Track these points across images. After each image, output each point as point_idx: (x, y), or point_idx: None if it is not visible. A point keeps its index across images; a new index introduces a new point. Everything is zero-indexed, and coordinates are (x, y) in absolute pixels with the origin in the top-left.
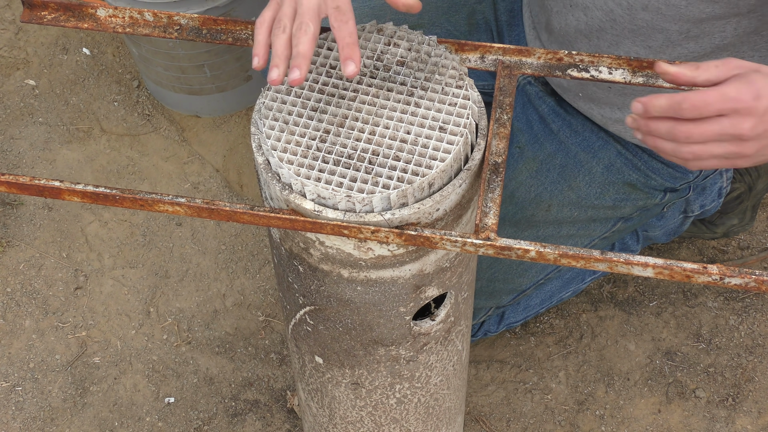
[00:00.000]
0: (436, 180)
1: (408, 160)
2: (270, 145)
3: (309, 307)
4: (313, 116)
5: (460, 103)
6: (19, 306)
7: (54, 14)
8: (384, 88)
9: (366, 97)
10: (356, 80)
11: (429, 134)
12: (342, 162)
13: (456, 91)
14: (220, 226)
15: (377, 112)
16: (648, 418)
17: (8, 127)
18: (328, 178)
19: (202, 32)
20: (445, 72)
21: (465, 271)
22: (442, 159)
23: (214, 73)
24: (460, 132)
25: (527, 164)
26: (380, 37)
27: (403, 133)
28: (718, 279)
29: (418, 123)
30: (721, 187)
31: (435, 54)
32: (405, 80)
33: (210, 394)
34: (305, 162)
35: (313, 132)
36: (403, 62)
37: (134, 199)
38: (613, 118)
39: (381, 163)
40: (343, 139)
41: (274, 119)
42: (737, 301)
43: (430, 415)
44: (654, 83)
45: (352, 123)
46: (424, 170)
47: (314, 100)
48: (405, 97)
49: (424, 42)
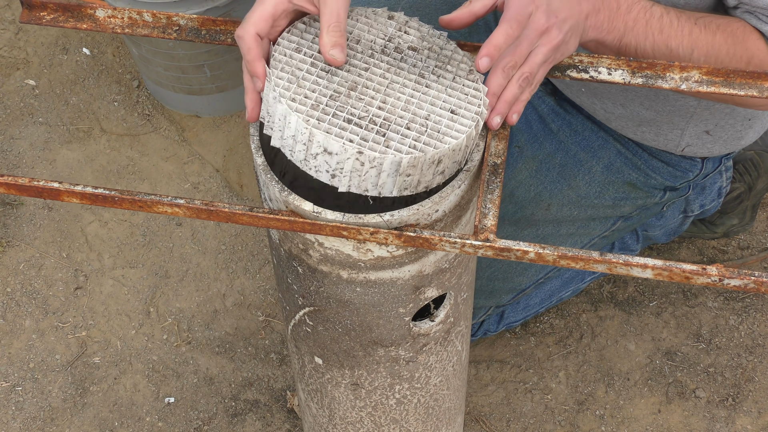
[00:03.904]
0: (444, 158)
1: (420, 131)
2: (279, 92)
3: (308, 308)
4: (323, 76)
5: (471, 92)
6: (19, 306)
7: (53, 15)
8: (395, 66)
9: (378, 70)
10: (368, 54)
11: (441, 114)
12: (353, 121)
13: (467, 81)
14: (220, 226)
15: (389, 84)
16: (648, 418)
17: (8, 127)
18: (338, 132)
19: (201, 33)
20: (457, 65)
21: (464, 272)
22: (455, 137)
23: (214, 73)
24: (473, 117)
25: (527, 163)
26: (391, 22)
27: (415, 108)
28: (717, 280)
29: (430, 102)
30: (721, 186)
31: (447, 48)
32: (416, 63)
33: (210, 394)
34: (315, 114)
35: (324, 90)
36: (415, 48)
37: (133, 201)
38: (615, 113)
39: (393, 129)
40: (355, 101)
41: (284, 71)
42: (737, 301)
43: (429, 415)
44: (653, 84)
45: (363, 90)
46: (437, 143)
47: (325, 62)
48: (417, 77)
49: (435, 35)
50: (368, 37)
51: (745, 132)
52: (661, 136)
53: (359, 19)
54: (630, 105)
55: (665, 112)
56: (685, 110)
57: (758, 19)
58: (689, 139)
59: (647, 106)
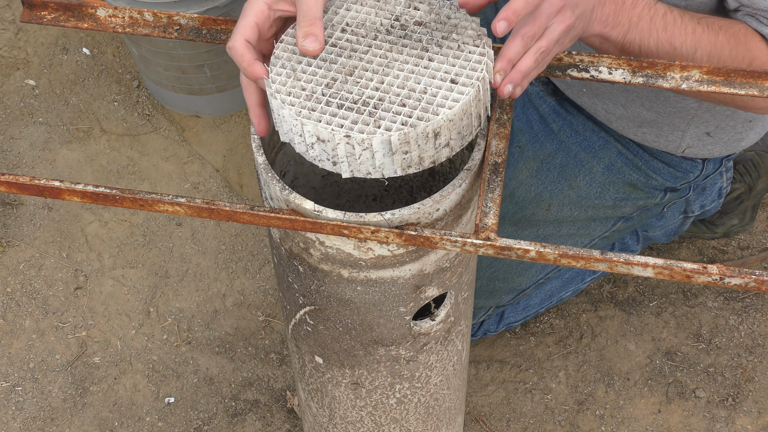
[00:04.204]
0: (442, 129)
1: (414, 107)
2: (275, 89)
3: (309, 307)
4: (322, 65)
5: (475, 58)
6: (19, 306)
7: (54, 14)
8: (398, 44)
9: (379, 51)
10: (371, 37)
11: (439, 85)
12: (345, 106)
13: (472, 48)
14: (220, 226)
15: (388, 64)
16: (648, 418)
17: (8, 127)
18: (328, 119)
19: (202, 32)
20: (464, 32)
21: (465, 271)
22: (450, 107)
23: (214, 73)
24: (472, 84)
25: (527, 164)
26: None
27: (412, 83)
28: (718, 279)
29: (429, 75)
30: (721, 187)
31: (455, 17)
32: (421, 38)
33: (210, 394)
34: (307, 104)
35: (320, 79)
36: (421, 23)
37: (134, 199)
38: (616, 114)
39: (386, 108)
40: (350, 86)
41: (282, 66)
42: (737, 301)
43: (430, 415)
44: (653, 83)
45: (361, 73)
46: (430, 116)
47: (325, 52)
48: (419, 52)
49: (445, 6)
50: (374, 19)
51: (745, 134)
52: (661, 137)
53: (367, 2)
54: (631, 106)
55: (666, 113)
56: (686, 112)
57: (759, 22)
58: (690, 140)
59: (648, 107)
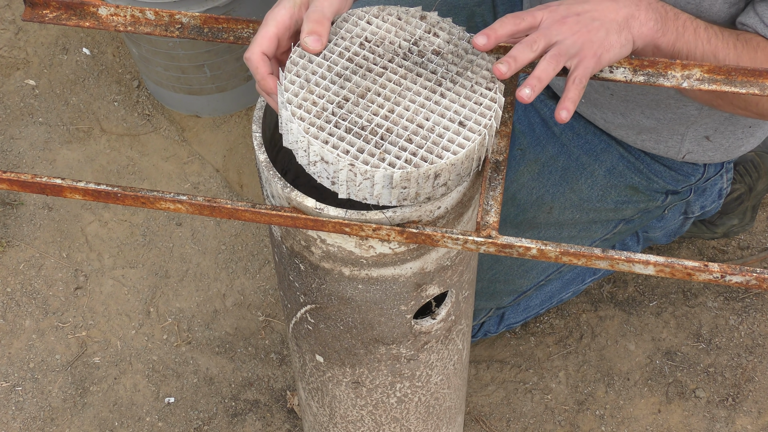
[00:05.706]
0: (443, 172)
1: (420, 144)
2: (286, 98)
3: (310, 305)
4: (336, 81)
5: (486, 103)
6: (19, 306)
7: (55, 13)
8: (413, 71)
9: (393, 76)
10: (388, 58)
11: (447, 125)
12: (353, 131)
13: (485, 91)
14: (220, 226)
15: (401, 92)
16: (648, 418)
17: (8, 127)
18: (335, 142)
19: (204, 31)
20: (478, 71)
21: (466, 270)
22: (455, 152)
23: (214, 73)
24: (479, 131)
25: (529, 166)
26: (422, 23)
27: (421, 119)
28: (719, 277)
29: (439, 113)
30: (722, 188)
31: (473, 52)
32: (436, 69)
33: (210, 394)
34: (317, 122)
35: (333, 96)
36: (439, 53)
37: (136, 197)
38: (615, 123)
39: (392, 141)
40: (361, 110)
41: (297, 75)
42: (737, 301)
43: (430, 414)
44: (654, 82)
45: (373, 96)
46: (434, 158)
47: (341, 67)
48: (432, 85)
49: (465, 38)
50: (393, 39)
51: (746, 139)
52: (661, 143)
53: (388, 19)
54: (630, 114)
55: (666, 120)
56: (686, 118)
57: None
58: (689, 145)
59: (648, 115)
